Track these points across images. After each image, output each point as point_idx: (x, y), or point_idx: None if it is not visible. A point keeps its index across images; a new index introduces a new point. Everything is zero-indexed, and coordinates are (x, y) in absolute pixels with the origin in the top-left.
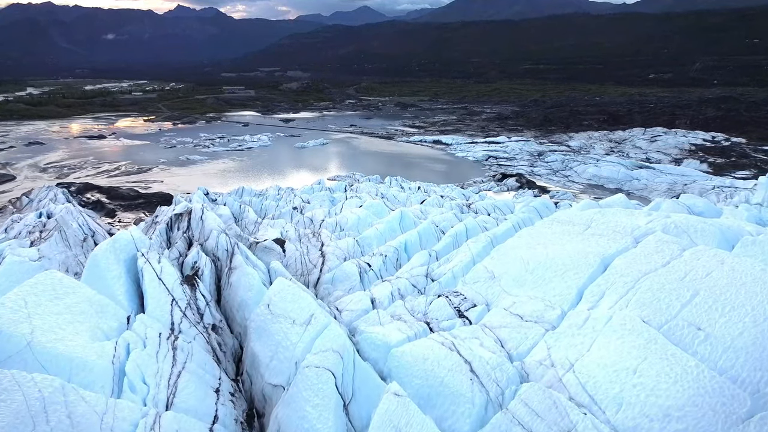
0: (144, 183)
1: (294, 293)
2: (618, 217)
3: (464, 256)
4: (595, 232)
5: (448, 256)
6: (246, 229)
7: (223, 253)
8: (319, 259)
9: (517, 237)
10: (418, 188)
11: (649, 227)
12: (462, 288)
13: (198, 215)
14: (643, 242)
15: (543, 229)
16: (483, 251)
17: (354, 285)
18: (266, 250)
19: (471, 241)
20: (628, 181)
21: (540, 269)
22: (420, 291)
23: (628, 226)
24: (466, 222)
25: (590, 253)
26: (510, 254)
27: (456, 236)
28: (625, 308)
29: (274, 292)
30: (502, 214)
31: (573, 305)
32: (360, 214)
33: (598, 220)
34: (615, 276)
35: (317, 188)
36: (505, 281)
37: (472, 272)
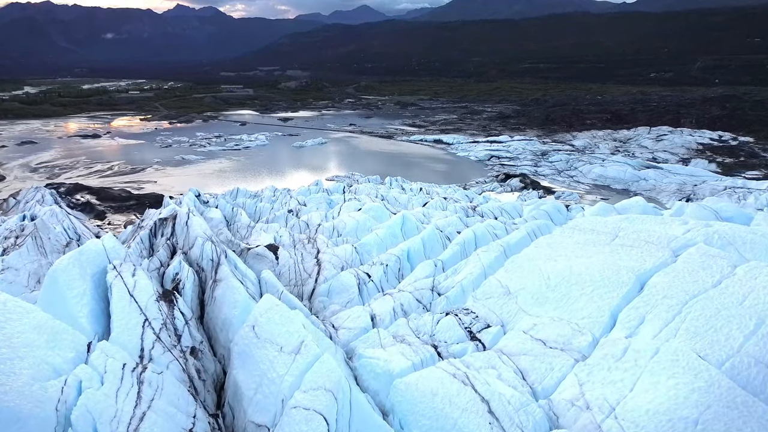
0: (137, 183)
1: (283, 314)
2: (649, 225)
3: (474, 268)
4: (625, 242)
5: (455, 267)
6: (238, 233)
7: (208, 263)
8: (315, 267)
9: (533, 247)
10: (420, 190)
11: (689, 238)
12: (473, 305)
13: (183, 220)
14: (683, 256)
15: (563, 238)
16: (495, 262)
17: (352, 298)
18: (258, 258)
19: (481, 251)
20: (636, 182)
21: (563, 285)
22: (425, 307)
23: (663, 237)
24: (475, 228)
25: (622, 267)
26: (527, 266)
27: (464, 244)
28: (672, 338)
29: (260, 312)
30: (510, 217)
31: (606, 331)
32: (359, 219)
33: (626, 229)
34: (655, 297)
35: (314, 190)
36: (523, 298)
37: (484, 286)
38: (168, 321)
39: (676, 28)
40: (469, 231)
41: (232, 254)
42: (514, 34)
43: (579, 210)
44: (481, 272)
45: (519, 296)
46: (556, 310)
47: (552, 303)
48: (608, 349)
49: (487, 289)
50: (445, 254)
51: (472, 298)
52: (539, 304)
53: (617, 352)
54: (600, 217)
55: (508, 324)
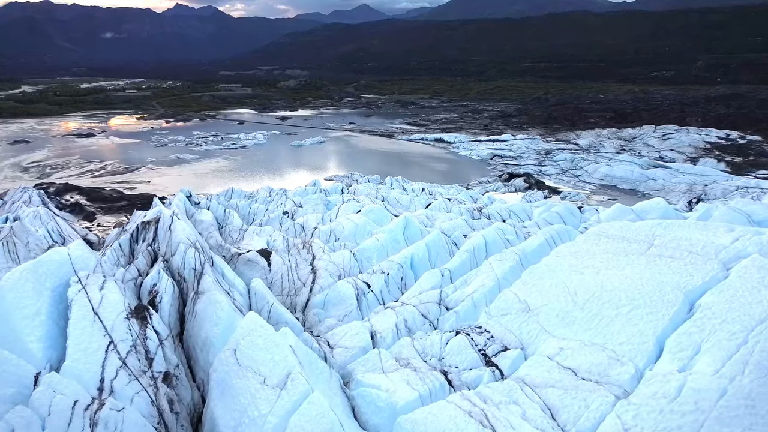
0: (130, 183)
1: (267, 338)
2: (688, 232)
3: (487, 279)
4: (662, 252)
5: (465, 278)
6: (229, 237)
7: (190, 272)
8: (310, 275)
9: (554, 256)
10: (422, 190)
11: (739, 248)
12: (486, 322)
13: (166, 224)
14: (737, 270)
15: (588, 246)
16: (511, 273)
17: (350, 311)
18: (249, 264)
19: (494, 259)
20: (644, 181)
21: (594, 303)
22: (431, 323)
23: (709, 246)
24: (485, 234)
25: (665, 283)
26: (548, 279)
27: (473, 251)
28: (741, 375)
29: (242, 333)
30: (518, 220)
31: (650, 360)
32: (358, 222)
33: (662, 236)
34: (711, 321)
35: (311, 190)
36: (546, 316)
37: (499, 301)
38: (139, 342)
39: (677, 26)
40: (478, 236)
41: (220, 261)
42: (514, 33)
43: (593, 212)
44: (494, 284)
45: (541, 314)
46: (587, 332)
47: (581, 324)
48: (658, 386)
49: (502, 304)
50: (452, 262)
51: (486, 314)
52: (565, 324)
53: (670, 390)
54: (628, 222)
55: (529, 347)
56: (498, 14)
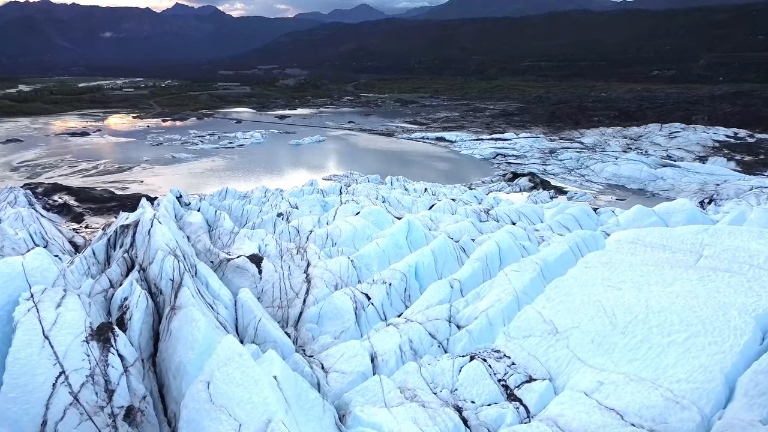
0: (122, 183)
1: (246, 371)
2: (744, 241)
3: (503, 293)
4: (717, 265)
5: (477, 291)
6: (219, 240)
7: (167, 283)
8: (304, 284)
9: (582, 267)
10: (425, 190)
11: None
12: (505, 345)
13: (145, 229)
14: None
15: (622, 256)
16: (532, 286)
17: (347, 326)
18: (238, 271)
19: (511, 270)
20: (652, 181)
21: (638, 327)
22: (440, 344)
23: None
24: (498, 239)
25: (728, 305)
26: (578, 295)
27: (486, 259)
28: None
29: (218, 363)
30: (529, 222)
31: (719, 404)
32: (356, 225)
33: (713, 246)
34: None
35: (308, 190)
36: (578, 341)
37: (520, 320)
38: (98, 370)
39: (678, 25)
40: (491, 243)
41: (205, 270)
42: (515, 32)
43: (609, 214)
44: (512, 299)
45: (571, 338)
46: (632, 363)
47: (623, 352)
48: None
49: (523, 324)
50: (462, 272)
51: (504, 335)
52: (603, 351)
53: None
54: (667, 228)
55: (559, 377)
56: (498, 13)
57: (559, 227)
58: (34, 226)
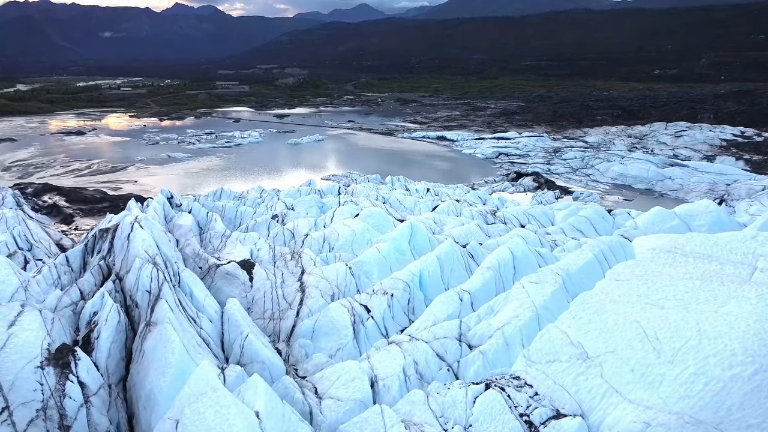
0: (115, 183)
1: (220, 413)
2: None
3: (521, 308)
4: None
5: (490, 304)
6: (210, 244)
7: (143, 296)
8: (297, 294)
9: (613, 280)
10: (427, 191)
11: None
12: (525, 370)
13: (124, 233)
14: None
15: (659, 267)
16: (553, 301)
17: (344, 343)
18: (228, 278)
19: (528, 281)
20: (660, 181)
21: (690, 356)
22: (450, 367)
23: None
24: (511, 245)
25: None
26: (610, 313)
27: (499, 268)
28: None
29: (189, 398)
30: (539, 225)
31: None
32: (355, 228)
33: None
34: None
35: (305, 191)
36: (614, 369)
37: (542, 341)
38: (53, 402)
39: (679, 24)
40: (503, 250)
41: (189, 278)
42: (515, 31)
43: (626, 216)
44: (532, 316)
45: (606, 365)
46: (685, 401)
47: (673, 386)
48: None
49: (546, 346)
50: (472, 282)
51: (524, 358)
52: (648, 384)
53: None
54: (710, 235)
55: (593, 413)
56: (498, 13)
57: (572, 230)
58: (19, 228)
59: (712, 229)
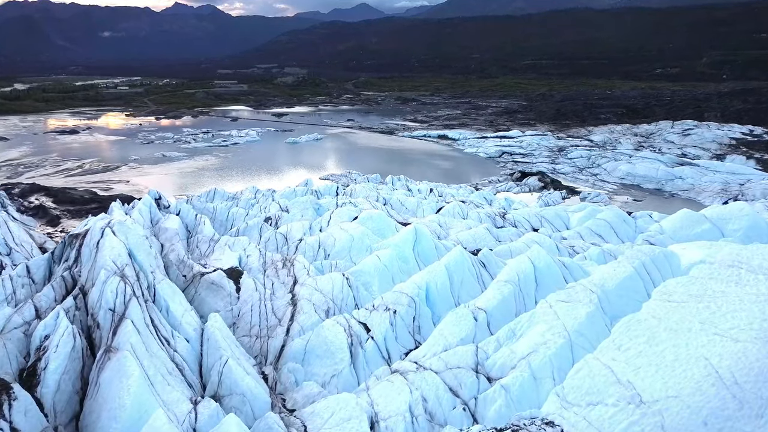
0: (106, 183)
1: None
2: None
3: (549, 332)
4: None
5: (511, 326)
6: (197, 249)
7: (106, 315)
8: (288, 308)
9: (663, 300)
10: (430, 191)
11: None
12: (561, 414)
13: (93, 240)
14: None
15: (723, 287)
16: (590, 326)
17: (340, 369)
18: (213, 288)
19: (556, 300)
20: (670, 180)
21: None
22: (465, 405)
23: None
24: (533, 256)
25: None
26: (667, 345)
27: (518, 283)
28: None
29: None
30: (553, 228)
31: None
32: (353, 232)
33: None
34: None
35: (301, 191)
36: (679, 420)
37: (579, 376)
38: None
39: (680, 23)
40: (523, 261)
41: (167, 289)
42: (515, 30)
43: (648, 219)
44: (564, 343)
45: (668, 414)
46: None
47: None
48: None
49: (585, 383)
50: (488, 299)
51: (558, 397)
52: None
53: None
54: None
55: None
56: (498, 12)
57: (590, 235)
58: (1, 230)
59: (748, 234)
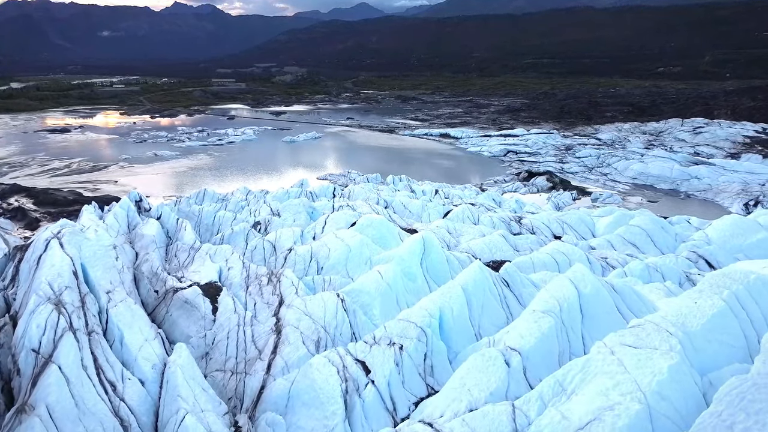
0: (93, 184)
1: None
2: None
3: (615, 391)
4: None
5: (559, 377)
6: (176, 258)
7: (27, 357)
8: (271, 336)
9: None
10: (436, 192)
11: None
12: None
13: (35, 254)
14: None
15: None
16: (673, 384)
17: (331, 426)
18: (186, 308)
19: (619, 343)
20: (686, 180)
21: None
22: None
23: None
24: (577, 278)
25: None
26: None
27: (560, 314)
28: None
29: None
30: (577, 236)
31: None
32: (351, 242)
33: None
34: None
35: (294, 192)
36: None
37: None
38: None
39: (682, 22)
40: (564, 285)
41: (124, 314)
42: (515, 29)
43: (686, 226)
44: (642, 411)
45: None
46: None
47: None
48: None
49: None
50: (521, 335)
51: None
52: None
53: None
54: None
55: None
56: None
57: (623, 244)
58: None
59: None
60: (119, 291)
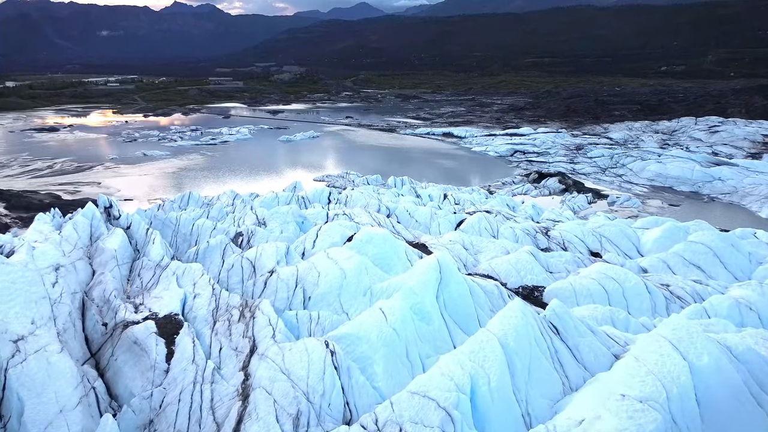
0: (74, 186)
1: None
2: None
3: None
4: None
5: None
6: (139, 278)
7: None
8: (236, 402)
9: None
10: (444, 197)
11: None
12: None
13: None
14: None
15: None
16: None
17: None
18: (134, 352)
19: None
20: (708, 182)
21: None
22: None
23: None
24: (673, 336)
25: None
26: None
27: (669, 407)
28: None
29: None
30: (620, 253)
31: None
32: (346, 265)
33: None
34: None
35: (284, 197)
36: None
37: None
38: None
39: (684, 21)
40: (669, 354)
41: (36, 375)
42: (516, 28)
43: (756, 242)
44: None
45: None
46: None
47: None
48: None
49: None
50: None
51: None
52: None
53: None
54: None
55: None
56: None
57: (684, 266)
58: None
59: None
60: (42, 333)
